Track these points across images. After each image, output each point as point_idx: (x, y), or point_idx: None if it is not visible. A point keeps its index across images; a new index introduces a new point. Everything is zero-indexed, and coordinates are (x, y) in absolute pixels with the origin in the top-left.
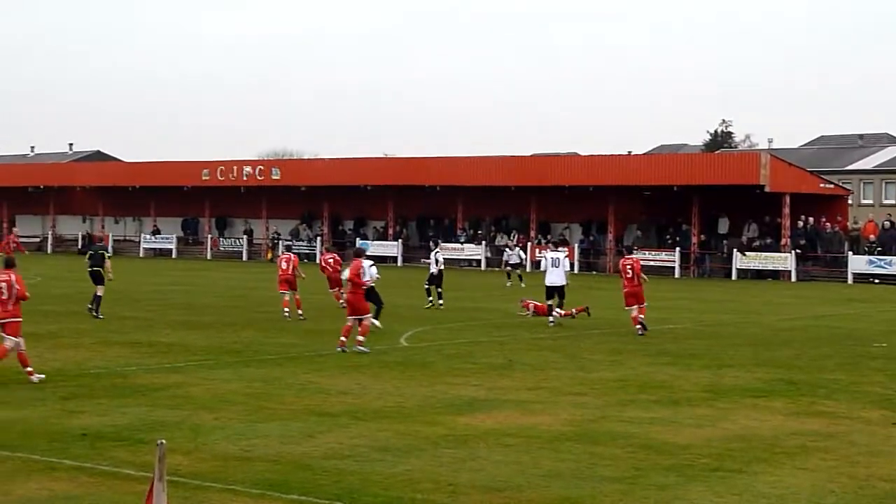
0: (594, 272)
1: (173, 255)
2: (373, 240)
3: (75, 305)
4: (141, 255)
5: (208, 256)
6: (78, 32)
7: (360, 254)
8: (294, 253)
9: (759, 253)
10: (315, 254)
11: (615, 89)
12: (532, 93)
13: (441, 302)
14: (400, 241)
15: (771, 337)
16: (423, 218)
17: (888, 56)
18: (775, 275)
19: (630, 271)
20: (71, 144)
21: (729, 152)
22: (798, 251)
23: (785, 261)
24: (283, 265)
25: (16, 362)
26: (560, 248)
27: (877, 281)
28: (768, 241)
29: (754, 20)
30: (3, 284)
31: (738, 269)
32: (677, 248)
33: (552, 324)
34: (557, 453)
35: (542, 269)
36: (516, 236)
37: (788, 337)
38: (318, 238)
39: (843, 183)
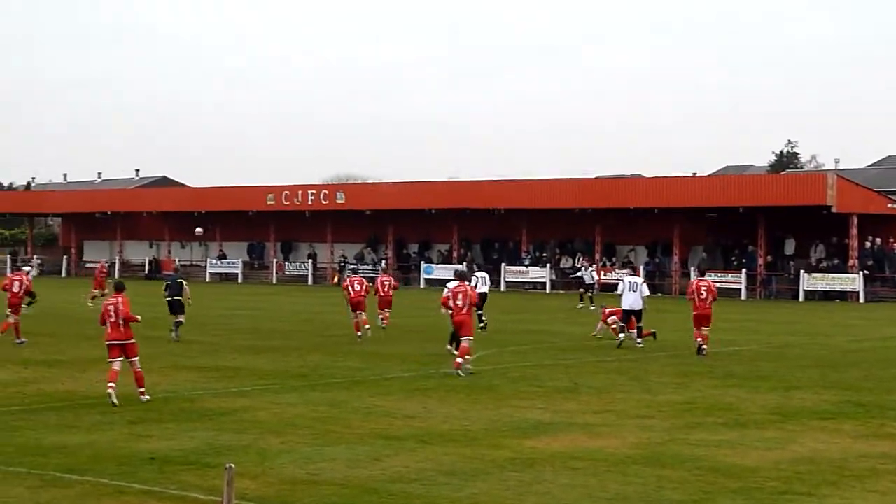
0: (660, 294)
1: (239, 280)
2: (437, 263)
3: (143, 330)
4: (207, 279)
5: (274, 281)
6: (144, 61)
7: (464, 277)
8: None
9: (826, 274)
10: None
11: (679, 111)
12: (595, 115)
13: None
14: (465, 264)
15: (839, 358)
16: (488, 241)
17: None
18: (843, 296)
19: (705, 293)
20: (137, 170)
21: (795, 173)
22: (866, 272)
23: (853, 282)
24: (356, 287)
25: (91, 387)
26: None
27: None
28: (836, 262)
29: (820, 39)
30: (111, 307)
31: (805, 290)
32: (743, 270)
33: (619, 345)
34: (624, 476)
35: (619, 292)
36: (581, 259)
37: (856, 358)
38: (384, 261)
39: None
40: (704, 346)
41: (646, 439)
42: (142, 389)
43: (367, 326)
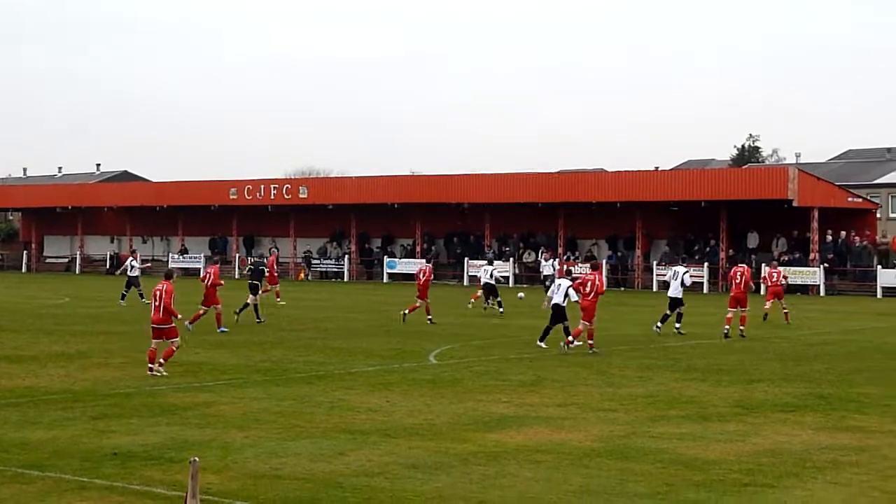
0: (622, 288)
1: (201, 275)
2: (400, 258)
3: (104, 325)
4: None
5: (236, 276)
6: (104, 55)
7: (595, 266)
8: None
9: (787, 267)
10: (343, 272)
11: (642, 104)
12: (558, 110)
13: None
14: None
15: (801, 351)
16: (451, 235)
17: None
18: (804, 289)
19: (740, 277)
20: (98, 165)
21: (756, 167)
22: (827, 265)
23: (814, 275)
24: (422, 276)
25: (52, 382)
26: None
27: None
28: (797, 255)
29: (781, 36)
30: (157, 293)
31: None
32: (705, 264)
33: (657, 331)
34: (588, 469)
35: (667, 279)
36: (543, 253)
37: (818, 351)
38: (346, 256)
39: (871, 197)
40: (737, 329)
41: (609, 432)
42: (161, 362)
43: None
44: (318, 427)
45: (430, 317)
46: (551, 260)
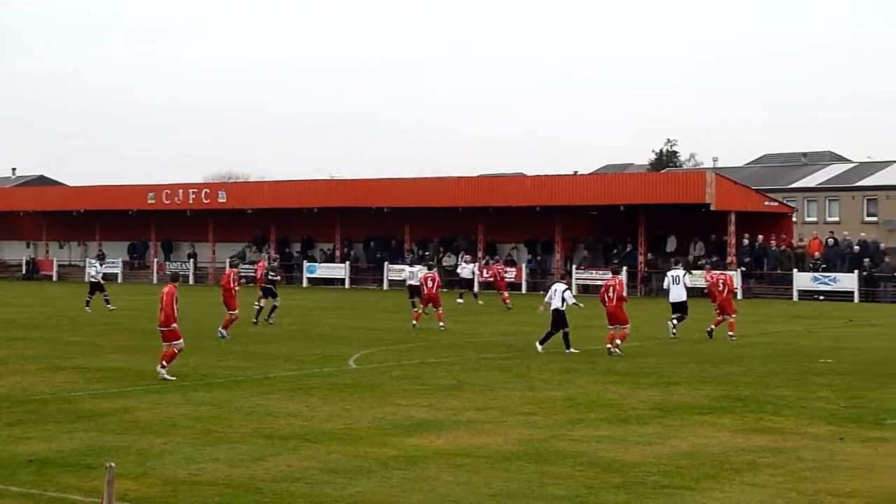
0: (541, 292)
1: (119, 280)
2: (320, 262)
3: (20, 331)
4: (86, 279)
5: (155, 280)
6: (19, 58)
7: (616, 272)
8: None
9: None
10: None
11: (560, 109)
12: (479, 114)
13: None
14: (347, 263)
15: (718, 354)
16: (371, 239)
17: (831, 75)
18: None
19: (612, 292)
20: (14, 169)
21: (674, 171)
22: (744, 269)
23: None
24: (429, 283)
25: None
26: (678, 267)
27: (822, 297)
28: (714, 258)
29: (698, 40)
30: (164, 295)
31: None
32: (624, 268)
33: (674, 335)
34: (508, 473)
35: (665, 286)
36: (463, 256)
37: (736, 354)
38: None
39: (787, 201)
40: (613, 348)
41: (528, 436)
42: (164, 363)
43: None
44: (236, 432)
45: (441, 323)
46: (472, 265)
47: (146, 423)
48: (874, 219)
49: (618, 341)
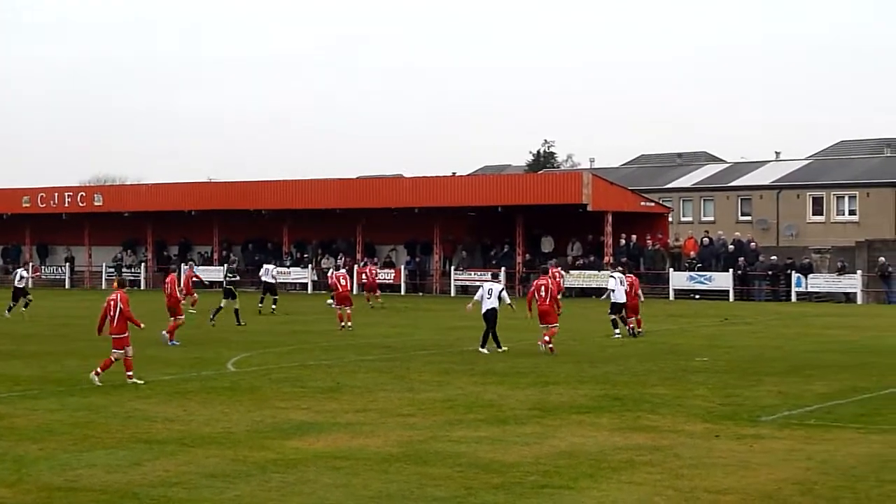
0: (420, 293)
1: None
2: (199, 265)
3: None
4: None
5: (30, 285)
6: None
7: (546, 271)
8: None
9: (582, 271)
10: (139, 280)
11: (438, 110)
12: (355, 116)
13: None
14: (225, 265)
15: (595, 353)
16: (249, 242)
17: (703, 77)
18: (599, 292)
19: (545, 291)
20: None
21: (551, 172)
22: (620, 269)
23: (607, 279)
24: (342, 282)
25: None
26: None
27: (697, 296)
28: (591, 258)
29: (575, 41)
30: (112, 303)
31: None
32: (503, 268)
33: (618, 336)
34: (387, 475)
35: (611, 287)
36: (343, 258)
37: (612, 353)
38: (143, 264)
39: (663, 201)
40: (548, 346)
41: (408, 437)
42: (129, 373)
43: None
44: (113, 437)
45: (349, 324)
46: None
47: (21, 430)
48: (748, 218)
49: (546, 338)
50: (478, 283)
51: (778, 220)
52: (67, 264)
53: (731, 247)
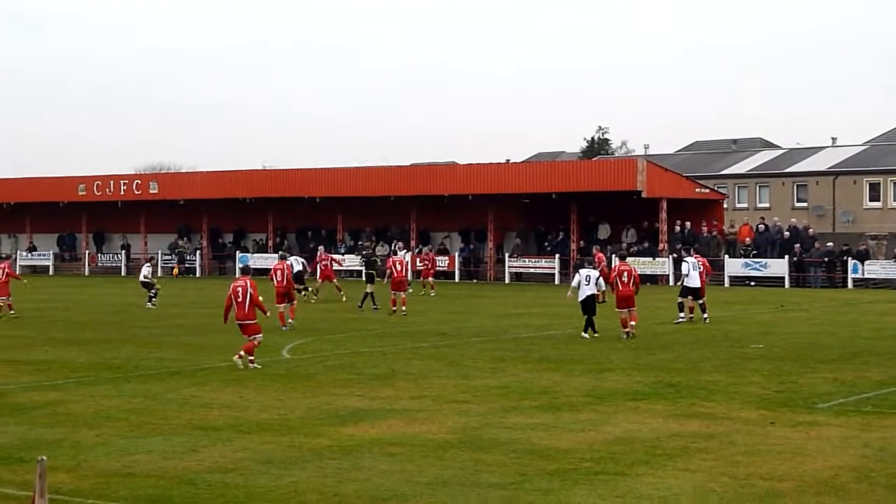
0: (475, 280)
1: (50, 272)
2: (253, 252)
3: None
4: (17, 272)
5: (86, 273)
6: None
7: (624, 257)
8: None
9: (637, 258)
10: (195, 267)
11: (492, 97)
12: (410, 104)
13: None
14: (280, 253)
15: (650, 341)
16: (303, 229)
17: (760, 63)
18: (654, 279)
19: (627, 277)
20: None
21: (606, 159)
22: (675, 255)
23: (663, 265)
24: (278, 277)
25: None
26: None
27: (752, 283)
28: (646, 245)
29: (630, 28)
30: (240, 289)
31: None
32: (557, 255)
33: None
34: (442, 461)
35: (685, 272)
36: (397, 245)
37: (668, 340)
38: (198, 251)
39: (718, 187)
40: (627, 330)
41: (462, 424)
42: (241, 354)
43: (292, 321)
44: (170, 424)
45: (404, 308)
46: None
47: (79, 416)
48: (804, 204)
49: (632, 323)
50: (533, 270)
51: (834, 207)
52: (123, 252)
53: (786, 233)
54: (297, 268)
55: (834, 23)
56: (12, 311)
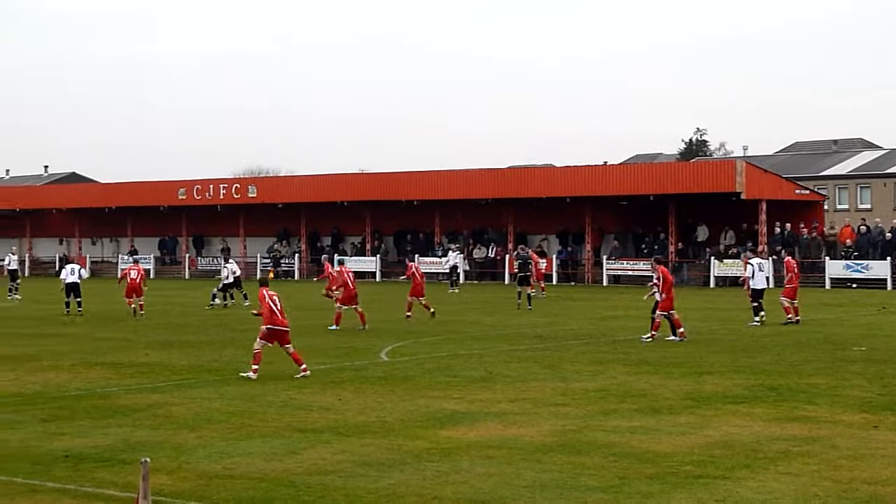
0: (572, 283)
1: (151, 276)
2: (351, 255)
3: (53, 328)
4: (118, 275)
5: (186, 276)
6: (51, 55)
7: (659, 261)
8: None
9: (736, 260)
10: (293, 270)
11: (590, 100)
12: (507, 106)
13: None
14: (378, 256)
15: (750, 343)
16: (401, 232)
17: (861, 62)
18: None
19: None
20: (46, 167)
21: (704, 160)
22: (775, 257)
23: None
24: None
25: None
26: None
27: (854, 285)
28: (749, 245)
29: (727, 29)
30: (275, 298)
31: (715, 276)
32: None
33: (756, 324)
34: (541, 464)
35: (750, 274)
36: (495, 248)
37: (768, 343)
38: (297, 254)
39: (818, 188)
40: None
41: (561, 427)
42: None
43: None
44: (269, 426)
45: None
46: (456, 253)
47: (179, 418)
48: None
49: (680, 329)
50: (631, 273)
51: None
52: (223, 255)
53: (888, 235)
54: (237, 272)
55: None
56: (142, 313)
